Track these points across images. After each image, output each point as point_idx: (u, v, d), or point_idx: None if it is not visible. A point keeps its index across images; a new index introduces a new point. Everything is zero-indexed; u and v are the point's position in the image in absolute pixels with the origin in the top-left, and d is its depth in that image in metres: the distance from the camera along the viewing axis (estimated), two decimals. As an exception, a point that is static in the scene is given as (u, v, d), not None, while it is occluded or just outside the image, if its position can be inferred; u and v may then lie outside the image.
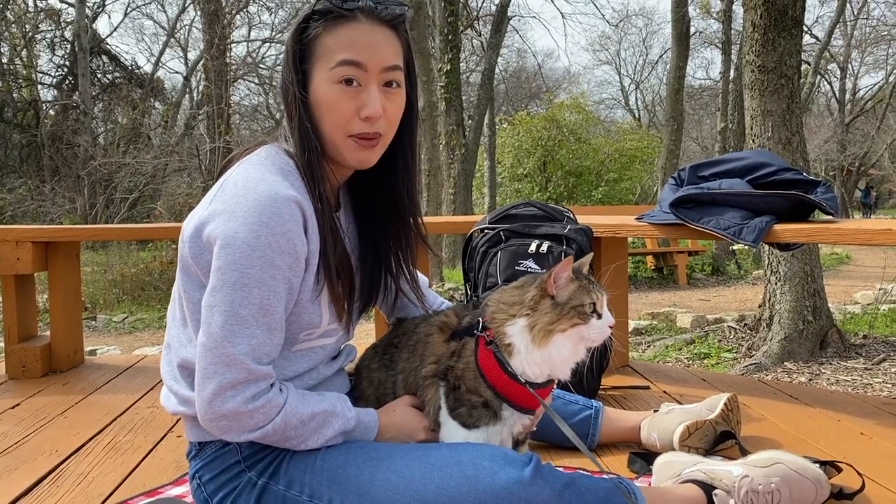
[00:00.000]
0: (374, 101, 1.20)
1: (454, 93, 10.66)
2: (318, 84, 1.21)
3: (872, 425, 2.02)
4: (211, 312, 1.12)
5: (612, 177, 16.25)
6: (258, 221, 1.11)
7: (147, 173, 13.81)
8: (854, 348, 4.80)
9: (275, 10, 21.55)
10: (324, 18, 1.20)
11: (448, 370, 1.28)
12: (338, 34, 1.20)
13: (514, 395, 1.26)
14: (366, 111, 1.20)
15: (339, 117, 1.21)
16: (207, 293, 1.13)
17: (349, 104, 1.20)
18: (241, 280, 1.11)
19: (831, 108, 26.85)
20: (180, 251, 1.22)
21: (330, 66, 1.19)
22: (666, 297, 8.58)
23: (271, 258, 1.12)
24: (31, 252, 2.75)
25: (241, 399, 1.11)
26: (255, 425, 1.14)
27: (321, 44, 1.20)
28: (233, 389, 1.11)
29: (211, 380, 1.11)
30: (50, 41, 17.74)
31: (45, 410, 2.34)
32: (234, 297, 1.11)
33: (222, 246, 1.12)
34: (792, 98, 4.57)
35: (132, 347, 6.18)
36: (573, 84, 33.31)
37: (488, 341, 1.26)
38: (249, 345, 1.11)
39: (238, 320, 1.11)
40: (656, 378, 2.60)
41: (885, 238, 1.85)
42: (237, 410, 1.11)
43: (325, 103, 1.21)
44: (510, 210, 2.41)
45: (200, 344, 1.13)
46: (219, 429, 1.14)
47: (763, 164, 2.26)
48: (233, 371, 1.11)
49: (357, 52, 1.19)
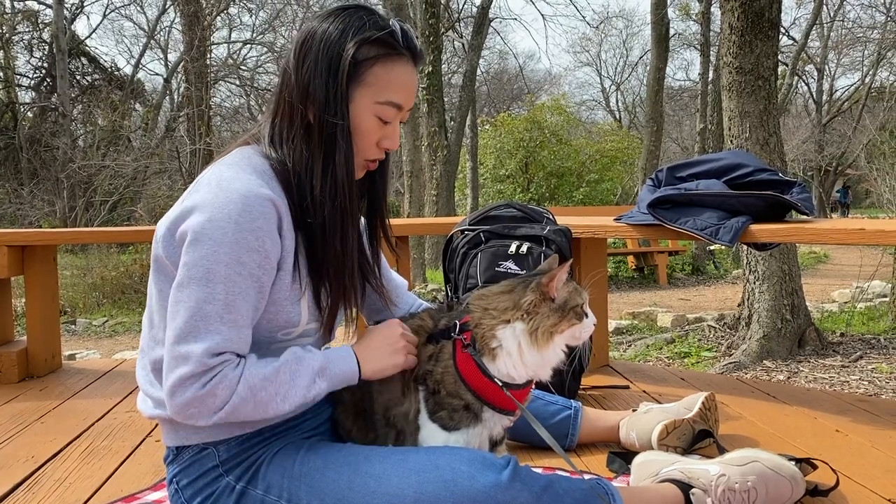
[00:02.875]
0: (397, 137, 1.28)
1: (436, 94, 10.66)
2: (360, 110, 1.23)
3: (847, 422, 2.05)
4: (176, 308, 1.12)
5: (594, 177, 16.33)
6: (226, 217, 1.11)
7: (127, 176, 13.68)
8: (831, 346, 4.86)
9: (255, 12, 21.41)
10: (381, 48, 1.21)
11: (427, 374, 1.27)
12: (393, 71, 1.23)
13: (495, 397, 1.26)
14: (387, 144, 1.28)
15: (366, 145, 1.25)
16: (174, 288, 1.14)
17: (377, 134, 1.26)
18: (207, 276, 1.11)
19: (809, 108, 27.14)
20: (154, 251, 1.22)
21: (378, 100, 1.23)
22: (647, 297, 8.63)
23: (238, 255, 1.12)
24: (7, 256, 2.72)
25: (199, 384, 1.11)
26: (223, 402, 1.12)
27: (374, 73, 1.22)
28: (190, 380, 1.11)
29: (172, 373, 1.11)
30: (28, 42, 17.55)
31: (22, 416, 2.31)
32: (200, 293, 1.11)
33: (190, 242, 1.12)
34: (769, 99, 4.62)
35: (112, 351, 6.13)
36: (554, 86, 33.47)
37: (465, 344, 1.26)
38: (212, 341, 1.11)
39: (202, 317, 1.11)
40: (636, 377, 2.61)
41: (858, 237, 1.88)
42: (196, 396, 1.11)
43: (359, 129, 1.24)
44: (490, 211, 2.42)
45: (167, 338, 1.13)
46: (188, 417, 1.13)
47: (739, 165, 2.28)
48: (190, 365, 1.10)
49: (405, 97, 1.25)
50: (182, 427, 1.24)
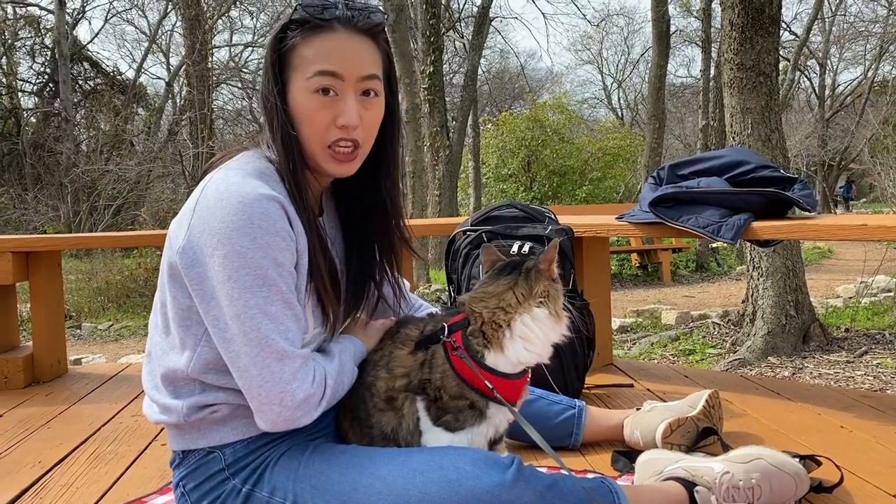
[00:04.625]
0: (351, 110, 1.21)
1: (437, 94, 10.67)
2: (296, 94, 1.22)
3: (852, 418, 2.05)
4: (240, 322, 1.12)
5: (596, 175, 16.28)
6: (250, 223, 1.12)
7: (130, 180, 13.72)
8: (836, 342, 4.84)
9: (256, 15, 21.49)
10: (301, 28, 1.21)
11: (425, 383, 1.27)
12: (314, 44, 1.20)
13: (501, 389, 1.26)
14: (342, 119, 1.21)
15: (316, 127, 1.22)
16: (226, 306, 1.13)
17: (326, 113, 1.21)
18: (256, 282, 1.12)
19: (811, 104, 27.10)
20: (168, 259, 1.22)
21: (306, 76, 1.20)
22: (651, 295, 8.62)
23: (275, 256, 1.14)
24: (12, 262, 2.73)
25: (307, 383, 1.15)
26: (320, 397, 1.18)
27: (297, 54, 1.21)
28: (295, 379, 1.14)
29: (269, 382, 1.13)
30: (30, 48, 17.63)
31: (28, 422, 2.32)
32: (256, 299, 1.12)
33: (226, 255, 1.12)
34: (770, 95, 4.61)
35: (118, 355, 6.14)
36: (556, 84, 33.39)
37: (455, 347, 1.26)
38: (287, 337, 1.14)
39: (269, 318, 1.13)
40: (640, 376, 2.61)
41: (861, 233, 1.87)
42: (308, 395, 1.15)
43: (302, 113, 1.22)
44: (492, 212, 2.42)
45: (243, 355, 1.13)
46: (293, 422, 1.16)
47: (741, 162, 2.28)
48: (287, 362, 1.13)
49: (333, 61, 1.20)
50: (188, 431, 1.25)
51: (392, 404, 1.28)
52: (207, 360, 1.21)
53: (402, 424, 1.28)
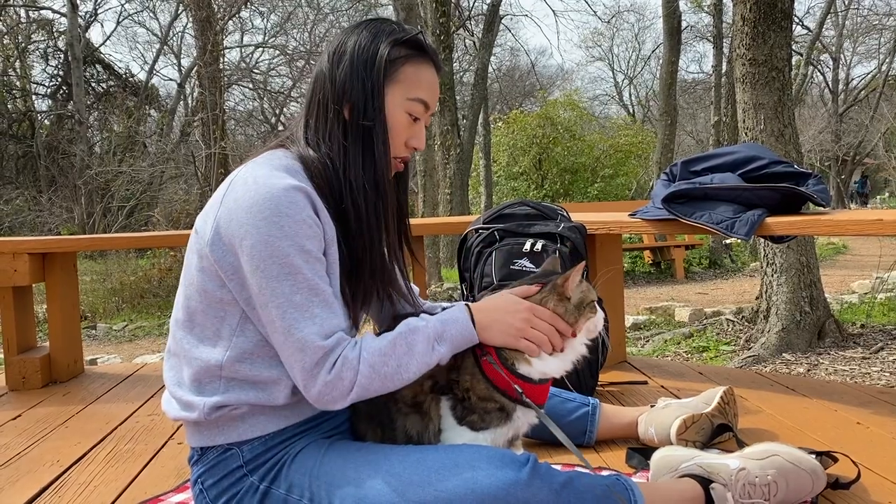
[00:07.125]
0: (423, 137, 1.36)
1: (448, 93, 10.65)
2: (393, 107, 1.30)
3: (868, 414, 2.04)
4: (267, 311, 1.17)
5: (608, 173, 16.25)
6: (277, 212, 1.16)
7: (143, 181, 13.82)
8: (852, 338, 4.81)
9: (266, 15, 21.51)
10: (411, 51, 1.31)
11: (453, 384, 1.27)
12: (421, 70, 1.32)
13: (530, 393, 1.27)
14: (415, 142, 1.34)
15: (397, 142, 1.32)
16: (255, 294, 1.18)
17: (406, 132, 1.33)
18: (283, 271, 1.16)
19: (825, 98, 26.89)
20: (197, 252, 1.24)
21: (408, 96, 1.30)
22: (664, 292, 8.59)
23: (301, 244, 1.17)
24: (28, 263, 2.76)
25: (325, 371, 1.16)
26: (350, 384, 1.17)
27: (404, 71, 1.30)
28: (315, 368, 1.16)
29: (294, 368, 1.17)
30: (43, 51, 17.76)
31: (46, 421, 2.35)
32: (283, 288, 1.16)
33: (253, 245, 1.16)
34: (783, 90, 4.58)
35: (133, 355, 6.19)
36: (567, 81, 33.41)
37: (484, 353, 1.26)
38: (314, 324, 1.16)
39: (294, 307, 1.16)
40: (654, 373, 2.61)
41: (876, 228, 1.86)
42: (326, 382, 1.16)
43: (392, 125, 1.30)
44: (504, 210, 2.42)
45: (276, 342, 1.19)
46: (326, 403, 1.19)
47: (754, 158, 2.27)
48: (308, 353, 1.15)
49: (430, 95, 1.33)
50: (206, 428, 1.26)
51: (419, 409, 1.29)
52: (244, 349, 1.23)
53: (430, 427, 1.29)
